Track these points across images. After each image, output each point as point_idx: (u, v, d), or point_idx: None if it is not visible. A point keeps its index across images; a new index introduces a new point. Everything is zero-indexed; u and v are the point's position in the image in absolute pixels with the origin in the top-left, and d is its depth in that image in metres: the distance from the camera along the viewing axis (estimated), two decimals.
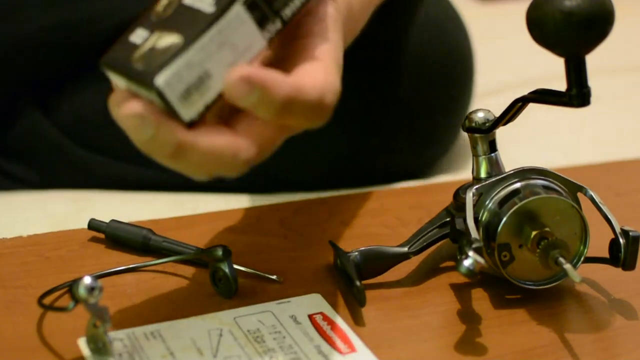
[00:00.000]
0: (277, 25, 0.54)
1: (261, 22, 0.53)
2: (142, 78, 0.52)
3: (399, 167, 0.88)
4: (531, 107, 0.63)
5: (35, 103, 0.85)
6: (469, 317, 0.63)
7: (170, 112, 0.52)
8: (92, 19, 0.82)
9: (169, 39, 0.53)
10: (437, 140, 0.89)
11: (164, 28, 0.54)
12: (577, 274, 0.61)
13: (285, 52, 0.56)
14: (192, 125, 0.52)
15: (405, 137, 0.86)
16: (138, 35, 0.55)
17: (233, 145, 0.52)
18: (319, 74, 0.53)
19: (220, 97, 0.53)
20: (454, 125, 0.90)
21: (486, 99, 1.09)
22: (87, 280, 0.54)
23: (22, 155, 0.85)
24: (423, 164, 0.90)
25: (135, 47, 0.54)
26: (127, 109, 0.52)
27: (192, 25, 0.52)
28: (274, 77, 0.51)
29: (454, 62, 0.89)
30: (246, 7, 0.53)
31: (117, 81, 0.55)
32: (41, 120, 0.84)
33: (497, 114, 0.66)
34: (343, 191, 0.82)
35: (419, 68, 0.85)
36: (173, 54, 0.52)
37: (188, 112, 0.52)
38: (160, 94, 0.51)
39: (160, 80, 0.51)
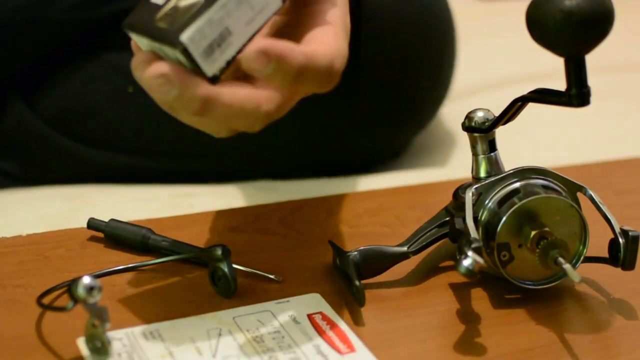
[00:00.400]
0: None
1: None
2: (167, 36, 0.54)
3: (382, 143, 0.88)
4: (531, 104, 0.63)
5: (19, 96, 0.84)
6: (468, 317, 0.63)
7: (194, 69, 0.54)
8: None
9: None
10: (422, 107, 0.89)
11: None
12: (577, 273, 0.60)
13: (297, 17, 0.58)
14: (215, 80, 0.55)
15: (388, 106, 0.86)
16: None
17: (255, 97, 0.55)
18: (329, 39, 0.56)
19: (239, 53, 0.55)
20: (439, 88, 0.89)
21: (486, 96, 1.09)
22: (86, 280, 0.54)
23: (8, 150, 0.85)
24: (410, 134, 0.89)
25: (157, 7, 0.56)
26: (152, 70, 0.54)
27: None
28: (289, 48, 0.54)
29: (428, 22, 0.88)
30: None
31: (140, 42, 0.57)
32: (26, 112, 0.84)
33: (497, 109, 0.66)
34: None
35: (390, 32, 0.84)
36: (196, 12, 0.54)
37: (211, 67, 0.55)
38: (185, 50, 0.54)
39: (185, 36, 0.54)
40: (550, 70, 0.80)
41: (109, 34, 0.84)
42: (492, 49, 1.26)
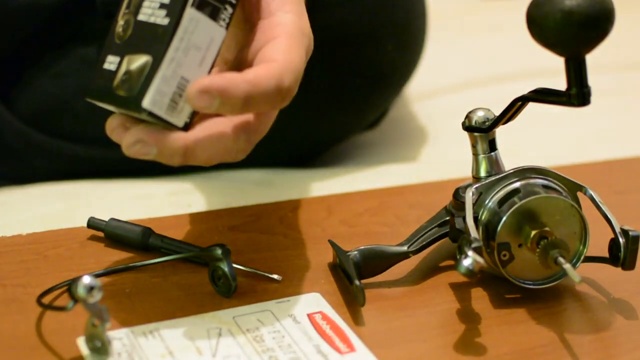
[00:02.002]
0: (229, 10, 0.57)
1: (214, 15, 0.57)
2: (129, 104, 0.56)
3: (352, 115, 0.87)
4: (531, 104, 0.63)
5: None
6: (468, 317, 0.63)
7: (164, 125, 0.56)
8: None
9: (139, 61, 0.56)
10: (391, 75, 0.88)
11: (131, 51, 0.58)
12: (577, 273, 0.60)
13: (252, 35, 0.59)
14: (187, 128, 0.57)
15: (353, 75, 0.85)
16: (110, 63, 0.58)
17: (227, 129, 0.56)
18: (279, 55, 0.57)
19: None
20: (408, 53, 0.88)
21: (485, 93, 1.09)
22: (86, 279, 0.54)
23: None
24: (381, 102, 0.88)
25: (112, 74, 0.58)
26: (127, 139, 0.56)
27: (155, 42, 0.56)
28: (230, 80, 0.55)
29: None
30: (196, 7, 0.56)
31: (108, 107, 0.59)
32: (3, 112, 0.84)
33: (496, 105, 0.66)
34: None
35: None
36: (148, 74, 0.56)
37: (179, 118, 0.57)
38: (151, 114, 0.56)
39: (146, 102, 0.55)
40: (550, 68, 0.80)
41: (75, 27, 0.84)
42: (491, 46, 1.26)
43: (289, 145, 0.87)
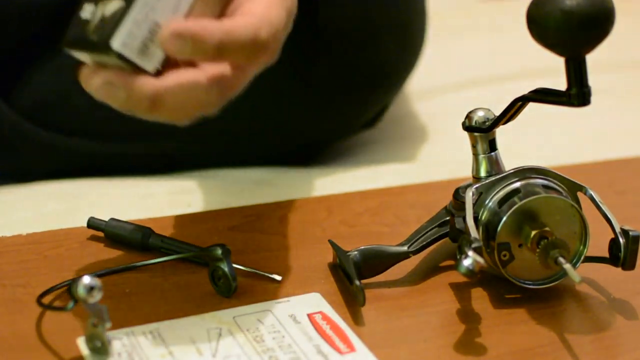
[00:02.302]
0: None
1: None
2: (100, 46, 0.56)
3: (350, 113, 0.87)
4: (531, 104, 0.63)
5: None
6: (468, 317, 0.63)
7: (135, 69, 0.56)
8: None
9: (113, 6, 0.56)
10: (391, 74, 0.88)
11: None
12: (577, 273, 0.60)
13: None
14: (158, 74, 0.56)
15: (353, 73, 0.85)
16: (86, 11, 0.58)
17: (199, 78, 0.56)
18: (258, 8, 0.57)
19: None
20: (408, 52, 0.88)
21: (485, 93, 1.09)
22: (87, 279, 0.54)
23: None
24: (380, 102, 0.88)
25: (87, 22, 0.58)
26: (96, 80, 0.56)
27: None
28: (204, 26, 0.55)
29: None
30: None
31: (83, 57, 0.59)
32: (2, 106, 0.84)
33: (496, 105, 0.66)
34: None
35: None
36: (119, 16, 0.56)
37: (150, 63, 0.56)
38: (120, 55, 0.55)
39: (116, 43, 0.55)
40: (550, 68, 0.80)
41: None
42: (491, 46, 1.26)
43: (289, 141, 0.87)
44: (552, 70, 0.76)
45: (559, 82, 0.60)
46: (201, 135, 0.85)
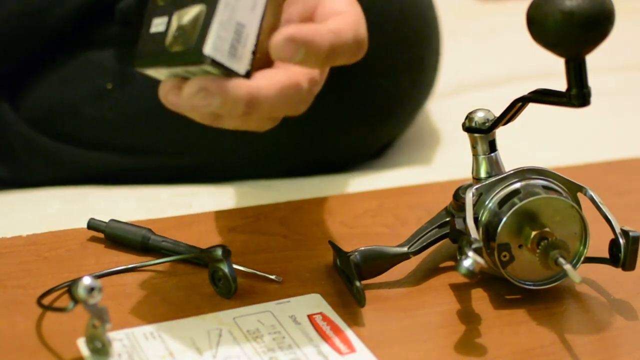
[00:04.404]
0: None
1: None
2: (190, 56, 0.54)
3: (360, 144, 0.87)
4: (531, 104, 0.63)
5: (2, 97, 0.84)
6: (468, 318, 0.63)
7: (226, 74, 0.54)
8: (55, 1, 0.83)
9: (192, 12, 0.55)
10: (402, 109, 0.88)
11: (178, 7, 0.56)
12: (577, 274, 0.60)
13: None
14: (249, 75, 0.55)
15: (367, 107, 0.86)
16: (158, 25, 0.56)
17: (293, 78, 0.55)
18: (344, 8, 0.56)
19: (258, 39, 0.55)
20: (420, 89, 0.89)
21: (485, 94, 1.09)
22: (87, 280, 0.54)
23: None
24: (389, 135, 0.89)
25: (162, 35, 0.56)
26: (188, 89, 0.54)
27: None
28: (315, 30, 0.53)
29: (408, 22, 0.87)
30: None
31: (158, 75, 0.56)
32: (9, 113, 0.84)
33: (496, 106, 0.66)
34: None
35: (368, 30, 0.84)
36: (205, 21, 0.54)
37: (241, 65, 0.54)
38: (214, 61, 0.53)
39: (208, 49, 0.53)
40: (550, 69, 0.80)
41: (87, 32, 0.84)
42: (491, 47, 1.26)
43: (296, 164, 0.87)
44: (551, 71, 0.76)
45: (559, 83, 0.60)
46: (208, 152, 0.85)
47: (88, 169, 0.85)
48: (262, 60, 0.57)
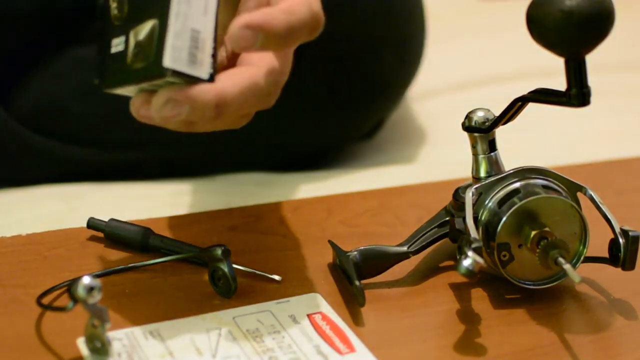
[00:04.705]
0: None
1: None
2: (151, 70, 0.54)
3: (349, 125, 0.87)
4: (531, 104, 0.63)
5: None
6: (468, 317, 0.63)
7: (190, 82, 0.55)
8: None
9: (146, 28, 0.55)
10: (389, 86, 0.88)
11: (133, 24, 0.56)
12: (577, 274, 0.60)
13: None
14: (212, 79, 0.55)
15: (351, 86, 0.85)
16: (117, 45, 0.57)
17: (256, 72, 0.55)
18: None
19: (216, 42, 0.55)
20: (407, 66, 0.88)
21: (485, 93, 1.09)
22: (86, 280, 0.54)
23: None
24: (378, 114, 0.88)
25: (123, 54, 0.57)
26: (155, 104, 0.54)
27: (154, 4, 0.55)
28: (267, 13, 0.54)
29: None
30: None
31: (127, 92, 0.57)
32: (0, 112, 0.84)
33: (496, 105, 0.66)
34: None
35: (349, 5, 0.82)
36: (159, 35, 0.54)
37: (203, 70, 0.55)
38: (175, 72, 0.54)
39: (167, 61, 0.54)
40: (550, 69, 0.80)
41: (74, 30, 0.84)
42: (491, 46, 1.26)
43: (287, 150, 0.87)
44: (551, 71, 0.76)
45: (559, 83, 0.60)
46: (200, 143, 0.85)
47: (80, 165, 0.85)
48: (228, 59, 0.58)
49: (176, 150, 0.85)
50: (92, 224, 0.70)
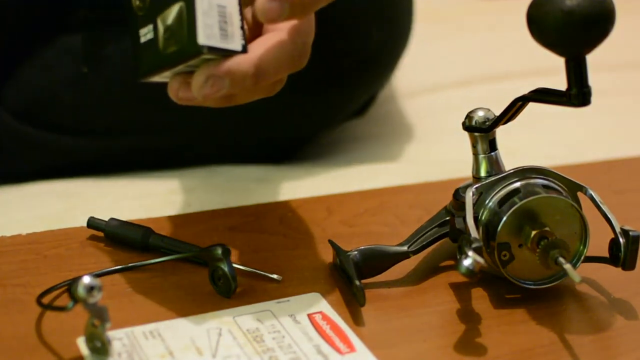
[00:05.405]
0: None
1: None
2: (186, 51, 0.56)
3: (337, 102, 0.87)
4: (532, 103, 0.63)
5: None
6: (468, 317, 0.63)
7: (225, 56, 0.56)
8: None
9: (173, 12, 0.56)
10: (376, 61, 0.88)
11: (159, 10, 0.57)
12: (577, 273, 0.60)
13: None
14: (245, 49, 0.57)
15: (337, 60, 0.85)
16: (146, 34, 0.58)
17: (285, 37, 0.58)
18: None
19: (241, 14, 0.57)
20: (394, 39, 0.88)
21: (485, 93, 1.09)
22: (87, 279, 0.54)
23: None
24: (367, 90, 0.88)
25: (153, 41, 0.58)
26: (196, 82, 0.56)
27: None
28: None
29: None
30: None
31: (162, 78, 0.59)
32: None
33: (496, 105, 0.66)
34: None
35: None
36: (188, 14, 0.56)
37: (235, 42, 0.57)
38: (210, 48, 0.55)
39: (201, 39, 0.55)
40: (550, 68, 0.80)
41: (60, 18, 0.84)
42: (491, 46, 1.26)
43: (279, 131, 0.87)
44: (552, 70, 0.76)
45: (559, 82, 0.60)
46: (191, 129, 0.85)
47: (73, 156, 0.85)
48: (252, 30, 0.60)
49: (167, 138, 0.85)
50: (92, 223, 0.70)
